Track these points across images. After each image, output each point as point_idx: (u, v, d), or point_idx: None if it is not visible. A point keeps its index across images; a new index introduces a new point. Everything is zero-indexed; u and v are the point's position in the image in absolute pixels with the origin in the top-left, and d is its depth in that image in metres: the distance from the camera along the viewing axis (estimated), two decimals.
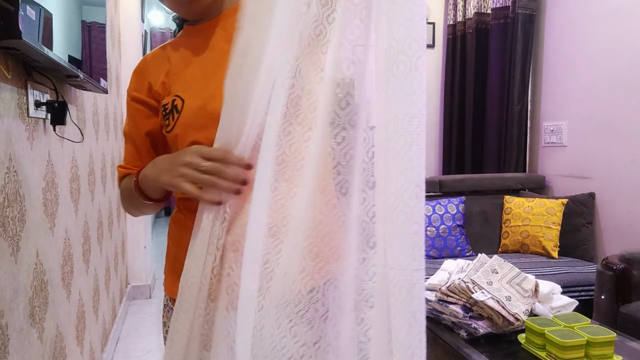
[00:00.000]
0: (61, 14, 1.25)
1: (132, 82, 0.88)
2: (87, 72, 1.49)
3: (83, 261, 1.86)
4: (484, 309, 1.57)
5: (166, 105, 0.82)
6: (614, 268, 2.01)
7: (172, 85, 0.83)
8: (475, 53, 3.42)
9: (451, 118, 3.62)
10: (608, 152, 2.70)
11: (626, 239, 2.58)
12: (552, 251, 2.66)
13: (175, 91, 0.81)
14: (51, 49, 1.13)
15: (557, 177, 3.09)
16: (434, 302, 1.71)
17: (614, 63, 2.65)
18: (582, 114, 2.88)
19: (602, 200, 2.74)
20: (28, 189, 1.22)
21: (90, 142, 2.06)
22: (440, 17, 3.74)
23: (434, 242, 2.71)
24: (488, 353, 1.49)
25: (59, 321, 1.48)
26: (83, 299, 1.85)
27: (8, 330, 1.06)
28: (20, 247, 1.15)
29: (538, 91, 3.26)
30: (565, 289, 2.06)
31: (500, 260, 1.76)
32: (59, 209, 1.51)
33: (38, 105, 1.27)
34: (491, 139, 3.40)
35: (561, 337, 1.37)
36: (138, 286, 3.34)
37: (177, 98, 0.80)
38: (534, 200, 2.84)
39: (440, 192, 3.01)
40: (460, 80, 3.54)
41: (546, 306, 1.69)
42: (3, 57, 1.05)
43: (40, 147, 1.34)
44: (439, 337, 1.64)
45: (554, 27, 3.10)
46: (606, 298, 2.01)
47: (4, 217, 1.05)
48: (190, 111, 0.78)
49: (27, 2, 0.95)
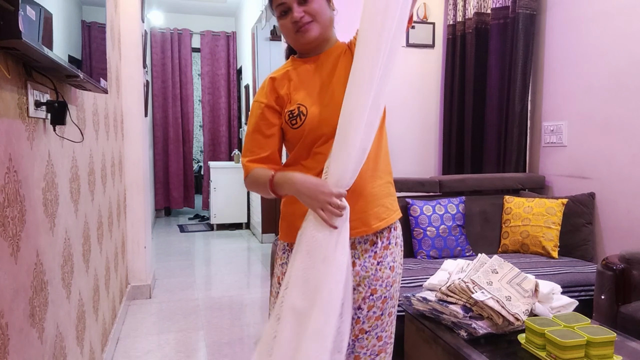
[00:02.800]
0: (61, 14, 1.25)
1: (262, 94, 1.28)
2: (87, 72, 1.49)
3: (83, 261, 1.86)
4: (484, 309, 1.57)
5: (292, 111, 1.24)
6: (614, 268, 2.01)
7: (293, 97, 1.25)
8: (475, 53, 3.42)
9: (451, 118, 3.62)
10: (608, 152, 2.70)
11: (626, 239, 2.58)
12: (552, 251, 2.66)
13: (296, 100, 1.24)
14: (51, 49, 1.13)
15: (557, 177, 3.09)
16: (434, 302, 1.71)
17: (614, 63, 2.65)
18: (582, 114, 2.88)
19: (602, 200, 2.75)
20: (28, 189, 1.22)
21: (90, 142, 2.06)
22: (440, 17, 3.75)
23: (434, 242, 2.71)
24: (488, 353, 1.49)
25: (59, 321, 1.48)
26: (83, 299, 1.85)
27: (8, 330, 1.06)
28: (20, 247, 1.15)
29: (538, 91, 3.26)
30: (565, 289, 2.06)
31: (500, 260, 1.76)
32: (59, 209, 1.51)
33: (38, 105, 1.27)
34: (491, 139, 3.40)
35: (561, 337, 1.37)
36: (138, 286, 3.34)
37: (301, 106, 1.23)
38: (534, 200, 2.84)
39: (440, 192, 3.01)
40: (460, 80, 3.54)
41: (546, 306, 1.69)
42: (3, 57, 1.05)
43: (40, 147, 1.34)
44: (439, 337, 1.64)
45: (554, 27, 3.10)
46: (606, 298, 2.01)
47: (4, 217, 1.05)
48: (312, 115, 1.21)
49: (27, 2, 0.95)
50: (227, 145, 7.09)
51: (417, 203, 2.78)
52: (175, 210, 7.35)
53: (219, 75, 7.01)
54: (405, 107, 3.74)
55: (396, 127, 3.71)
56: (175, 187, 6.89)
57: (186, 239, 5.53)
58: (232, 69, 7.02)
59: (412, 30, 3.67)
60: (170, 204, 6.98)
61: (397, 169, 3.69)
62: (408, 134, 3.76)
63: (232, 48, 7.02)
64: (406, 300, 1.85)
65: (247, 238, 5.54)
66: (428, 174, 3.80)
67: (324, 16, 1.23)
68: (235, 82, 7.04)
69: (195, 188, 7.60)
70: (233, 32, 7.04)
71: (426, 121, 3.81)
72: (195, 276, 3.97)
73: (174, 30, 6.84)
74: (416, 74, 3.74)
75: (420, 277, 2.24)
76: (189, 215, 7.09)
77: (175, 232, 5.95)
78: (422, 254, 2.71)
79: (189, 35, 6.92)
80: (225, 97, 7.05)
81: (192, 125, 7.02)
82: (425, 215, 2.75)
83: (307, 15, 1.20)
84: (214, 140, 7.10)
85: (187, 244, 5.26)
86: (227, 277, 3.97)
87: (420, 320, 1.78)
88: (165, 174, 6.88)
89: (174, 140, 6.85)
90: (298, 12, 1.19)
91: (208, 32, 6.98)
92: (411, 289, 2.13)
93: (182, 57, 6.90)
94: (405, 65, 3.70)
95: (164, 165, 6.88)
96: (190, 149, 7.03)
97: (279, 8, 1.22)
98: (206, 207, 6.94)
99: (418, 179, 3.00)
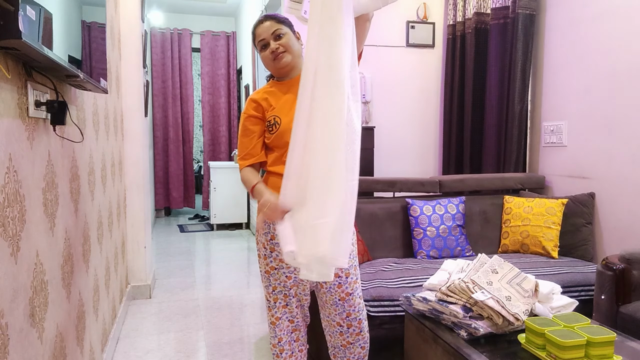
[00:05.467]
0: (61, 14, 1.25)
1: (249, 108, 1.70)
2: (87, 72, 1.49)
3: (83, 261, 1.86)
4: (484, 309, 1.57)
5: (270, 120, 1.66)
6: (614, 268, 2.01)
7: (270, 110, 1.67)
8: (475, 53, 3.42)
9: (451, 118, 3.62)
10: (608, 152, 2.70)
11: (626, 239, 2.58)
12: (552, 251, 2.66)
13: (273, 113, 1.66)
14: (51, 49, 1.13)
15: (557, 177, 3.09)
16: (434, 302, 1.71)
17: (614, 63, 2.65)
18: (582, 114, 2.87)
19: (602, 200, 2.74)
20: (28, 189, 1.22)
21: (90, 142, 2.06)
22: (440, 17, 3.75)
23: (434, 242, 2.71)
24: (488, 353, 1.48)
25: (59, 321, 1.48)
26: (83, 299, 1.85)
27: (8, 330, 1.06)
28: (20, 247, 1.15)
29: (538, 91, 3.26)
30: (565, 289, 2.06)
31: (500, 260, 1.76)
32: (59, 209, 1.51)
33: (38, 105, 1.27)
34: (491, 139, 3.40)
35: (561, 337, 1.37)
36: (138, 286, 3.34)
37: (276, 117, 1.65)
38: (534, 200, 2.84)
39: (440, 192, 3.01)
40: (460, 80, 3.54)
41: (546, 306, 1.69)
42: (3, 57, 1.05)
43: (40, 147, 1.34)
44: (439, 337, 1.64)
45: (554, 27, 3.10)
46: (606, 298, 2.01)
47: (4, 217, 1.05)
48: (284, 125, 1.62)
49: (27, 2, 0.95)
50: (227, 145, 7.09)
51: (417, 203, 2.78)
52: (175, 210, 7.35)
53: (219, 75, 7.01)
54: (405, 107, 3.74)
55: (396, 127, 3.71)
56: (175, 187, 6.89)
57: (186, 239, 5.53)
58: (232, 69, 7.02)
59: (412, 30, 3.67)
60: (170, 204, 6.98)
61: (397, 169, 3.70)
62: (408, 134, 3.76)
63: (232, 48, 7.03)
64: (406, 300, 1.85)
65: (247, 238, 5.54)
66: (428, 174, 3.80)
67: (294, 47, 1.66)
68: (235, 82, 7.04)
69: (195, 188, 7.59)
70: (233, 32, 7.05)
71: (426, 121, 3.81)
72: (195, 276, 3.97)
73: (174, 30, 6.84)
74: (416, 74, 3.74)
75: (420, 277, 2.24)
76: (189, 215, 7.09)
77: (175, 232, 5.95)
78: (422, 254, 2.71)
79: (189, 35, 6.92)
80: (225, 97, 7.05)
81: (192, 125, 7.02)
82: (425, 215, 2.75)
83: (281, 47, 1.63)
84: (214, 140, 7.10)
85: (187, 244, 5.26)
86: (227, 277, 3.97)
87: (420, 320, 1.78)
88: (165, 174, 6.88)
89: (174, 140, 6.85)
90: (274, 45, 1.63)
91: (208, 32, 6.98)
92: (411, 289, 2.12)
93: (182, 57, 6.90)
94: (405, 65, 3.70)
95: (164, 165, 6.88)
96: (190, 149, 7.03)
97: (260, 43, 1.67)
98: (206, 207, 6.94)
99: (418, 179, 3.00)
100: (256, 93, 1.73)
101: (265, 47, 1.65)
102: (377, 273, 2.38)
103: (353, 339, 1.75)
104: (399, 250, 2.81)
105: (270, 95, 1.69)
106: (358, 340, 1.75)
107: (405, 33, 3.67)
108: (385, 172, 3.64)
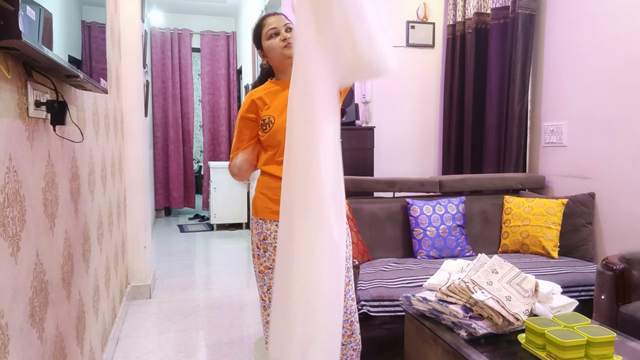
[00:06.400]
0: (61, 14, 1.25)
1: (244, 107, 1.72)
2: (87, 72, 1.49)
3: (83, 261, 1.86)
4: (484, 309, 1.57)
5: (264, 119, 1.67)
6: (614, 268, 2.01)
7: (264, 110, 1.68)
8: (475, 53, 3.42)
9: (451, 118, 3.62)
10: (608, 152, 2.70)
11: (626, 239, 2.58)
12: (552, 251, 2.66)
13: (267, 112, 1.67)
14: (51, 49, 1.13)
15: (557, 177, 3.09)
16: (434, 302, 1.71)
17: (614, 63, 2.65)
18: (582, 114, 2.87)
19: (602, 200, 2.74)
20: (28, 189, 1.22)
21: (90, 142, 2.06)
22: (440, 17, 3.75)
23: (434, 242, 2.71)
24: (488, 353, 1.48)
25: (59, 321, 1.48)
26: (83, 299, 1.85)
27: (8, 330, 1.06)
28: (20, 247, 1.15)
29: (538, 91, 3.26)
30: (565, 289, 2.06)
31: (500, 260, 1.76)
32: (59, 209, 1.51)
33: (38, 105, 1.27)
34: (491, 139, 3.40)
35: (561, 337, 1.37)
36: (138, 286, 3.34)
37: (270, 116, 1.66)
38: (534, 200, 2.84)
39: (440, 192, 3.01)
40: (460, 80, 3.54)
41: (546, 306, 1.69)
42: (3, 57, 1.05)
43: (40, 147, 1.34)
44: (439, 337, 1.64)
45: (554, 27, 3.10)
46: (606, 298, 2.01)
47: (4, 217, 1.05)
48: (277, 125, 1.63)
49: (27, 2, 0.95)
50: (227, 145, 7.09)
51: (417, 203, 2.78)
52: (175, 210, 7.35)
53: (219, 75, 7.01)
54: (405, 107, 3.74)
55: (396, 127, 3.71)
56: (175, 187, 6.89)
57: (186, 239, 5.53)
58: (232, 69, 7.02)
59: (412, 30, 3.67)
60: (171, 204, 6.98)
61: (397, 169, 3.70)
62: (408, 134, 3.76)
63: (232, 48, 7.02)
64: (406, 300, 1.85)
65: (247, 238, 5.54)
66: (428, 174, 3.80)
67: None
68: (235, 82, 7.03)
69: (196, 188, 7.60)
70: (233, 32, 7.04)
71: (426, 121, 3.81)
72: (195, 276, 3.97)
73: (174, 30, 6.83)
74: (416, 74, 3.74)
75: (420, 277, 2.24)
76: (189, 215, 7.09)
77: (175, 232, 5.95)
78: (422, 254, 2.71)
79: (189, 35, 6.92)
80: (225, 97, 7.05)
81: (192, 125, 7.02)
82: (425, 215, 2.75)
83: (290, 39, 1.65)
84: (214, 140, 7.10)
85: (187, 244, 5.26)
86: (227, 277, 3.97)
87: (420, 320, 1.78)
88: (165, 174, 6.88)
89: (174, 140, 6.85)
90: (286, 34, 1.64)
91: (208, 32, 6.98)
92: (411, 289, 2.12)
93: (182, 57, 6.90)
94: (405, 65, 3.70)
95: (164, 165, 6.88)
96: (190, 149, 7.03)
97: (270, 31, 1.65)
98: (206, 207, 6.94)
99: (418, 179, 3.00)
100: (255, 91, 1.75)
101: (275, 35, 1.64)
102: (377, 273, 2.38)
103: (345, 341, 1.76)
104: (399, 250, 2.81)
105: (267, 94, 1.71)
106: (350, 342, 1.76)
107: (405, 33, 3.67)
108: (385, 172, 3.64)
